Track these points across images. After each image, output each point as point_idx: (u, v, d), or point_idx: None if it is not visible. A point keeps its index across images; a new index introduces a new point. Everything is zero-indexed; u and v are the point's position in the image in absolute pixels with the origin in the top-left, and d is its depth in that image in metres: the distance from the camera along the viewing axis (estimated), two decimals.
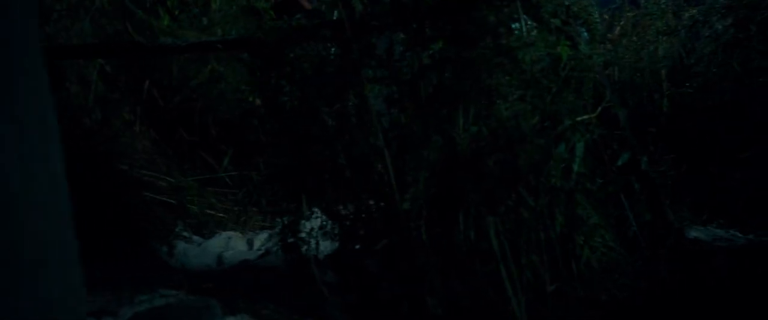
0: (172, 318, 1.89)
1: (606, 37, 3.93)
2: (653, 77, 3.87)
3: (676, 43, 4.09)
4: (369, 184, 2.64)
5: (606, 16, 4.48)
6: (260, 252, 3.67)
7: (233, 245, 3.82)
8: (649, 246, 2.54)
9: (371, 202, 2.63)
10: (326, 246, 2.92)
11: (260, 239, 3.97)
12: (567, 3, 2.37)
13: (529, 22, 2.23)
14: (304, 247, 3.10)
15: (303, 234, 3.12)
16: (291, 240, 3.14)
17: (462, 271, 2.34)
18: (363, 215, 2.59)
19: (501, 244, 1.89)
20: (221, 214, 3.98)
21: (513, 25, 2.18)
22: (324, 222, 2.90)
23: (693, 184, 3.55)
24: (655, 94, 3.84)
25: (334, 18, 2.76)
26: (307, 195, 2.48)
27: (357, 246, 2.58)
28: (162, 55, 3.11)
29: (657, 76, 3.86)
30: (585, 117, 2.28)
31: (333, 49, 2.89)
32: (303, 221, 3.17)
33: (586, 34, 2.56)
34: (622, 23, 4.16)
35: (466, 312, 2.16)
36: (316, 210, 2.94)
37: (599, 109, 2.33)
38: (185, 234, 3.77)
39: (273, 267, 3.28)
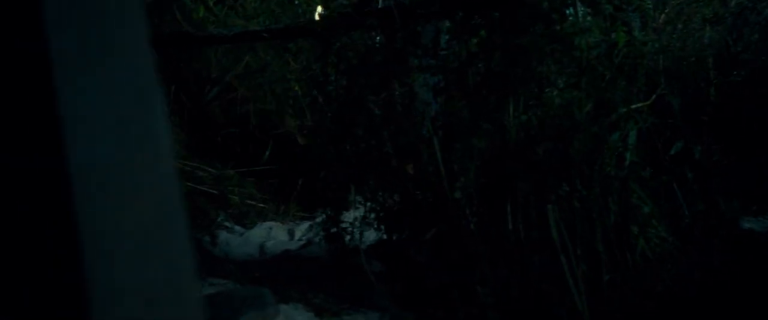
0: (229, 305, 1.89)
1: (651, 25, 3.86)
2: (699, 65, 3.79)
3: (722, 30, 4.00)
4: (416, 173, 2.62)
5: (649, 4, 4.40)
6: (301, 243, 3.68)
7: (274, 235, 3.83)
8: (702, 236, 2.49)
9: (417, 192, 2.61)
10: (368, 236, 2.91)
11: (301, 229, 3.98)
12: None
13: (582, 8, 2.19)
14: (347, 237, 3.10)
15: (345, 225, 3.12)
16: (334, 230, 3.14)
17: (510, 261, 2.32)
18: (410, 205, 2.58)
19: (560, 233, 1.86)
20: (262, 204, 3.98)
21: (567, 11, 2.15)
22: (366, 213, 2.89)
23: (741, 174, 3.47)
24: (701, 83, 3.76)
25: (380, 6, 2.74)
26: (356, 185, 2.47)
27: (404, 236, 2.56)
28: (209, 44, 3.12)
29: (703, 64, 3.77)
30: (639, 105, 2.23)
31: (378, 38, 2.87)
32: (344, 211, 3.17)
33: (638, 20, 2.51)
34: (666, 11, 4.08)
35: (516, 302, 2.14)
36: (358, 200, 2.93)
37: (653, 96, 2.28)
38: (227, 224, 3.79)
39: (315, 257, 3.28)
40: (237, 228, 3.81)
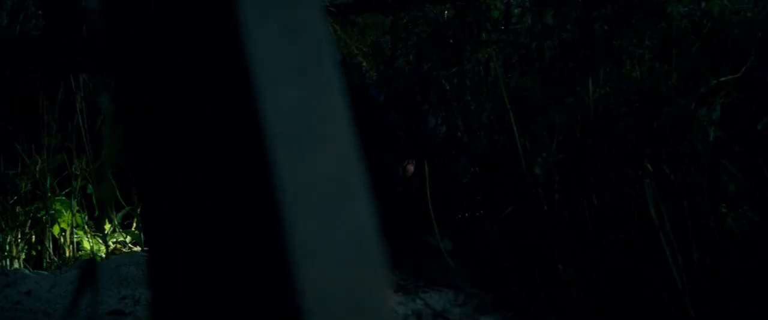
0: None
1: None
2: None
3: None
4: (488, 149, 2.56)
5: None
6: None
7: None
8: None
9: (491, 168, 2.55)
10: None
11: None
12: None
13: None
14: None
15: None
16: None
17: (591, 239, 2.25)
18: (482, 181, 2.52)
19: (658, 210, 1.79)
20: None
21: None
22: (432, 190, 2.84)
23: None
24: None
25: None
26: (429, 162, 2.43)
27: (477, 214, 2.51)
28: None
29: None
30: (728, 77, 2.14)
31: (446, 13, 2.81)
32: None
33: None
34: None
35: (601, 281, 2.07)
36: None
37: (743, 68, 2.18)
38: None
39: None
40: None
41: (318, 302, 0.46)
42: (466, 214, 2.64)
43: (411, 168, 2.83)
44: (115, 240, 2.81)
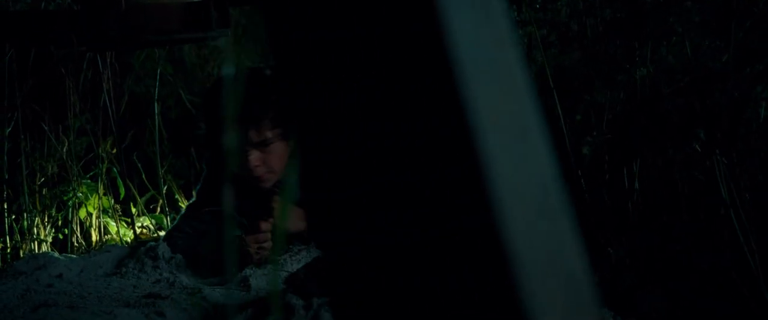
0: None
1: None
2: None
3: None
4: None
5: None
6: None
7: None
8: None
9: None
10: None
11: None
12: None
13: None
14: None
15: None
16: None
17: (635, 223, 2.18)
18: None
19: (730, 191, 1.71)
20: None
21: None
22: None
23: None
24: None
25: None
26: None
27: None
28: None
29: None
30: None
31: None
32: None
33: None
34: None
35: (652, 266, 2.00)
36: None
37: None
38: None
39: None
40: None
41: (525, 256, 0.40)
42: None
43: None
44: (140, 224, 2.74)
